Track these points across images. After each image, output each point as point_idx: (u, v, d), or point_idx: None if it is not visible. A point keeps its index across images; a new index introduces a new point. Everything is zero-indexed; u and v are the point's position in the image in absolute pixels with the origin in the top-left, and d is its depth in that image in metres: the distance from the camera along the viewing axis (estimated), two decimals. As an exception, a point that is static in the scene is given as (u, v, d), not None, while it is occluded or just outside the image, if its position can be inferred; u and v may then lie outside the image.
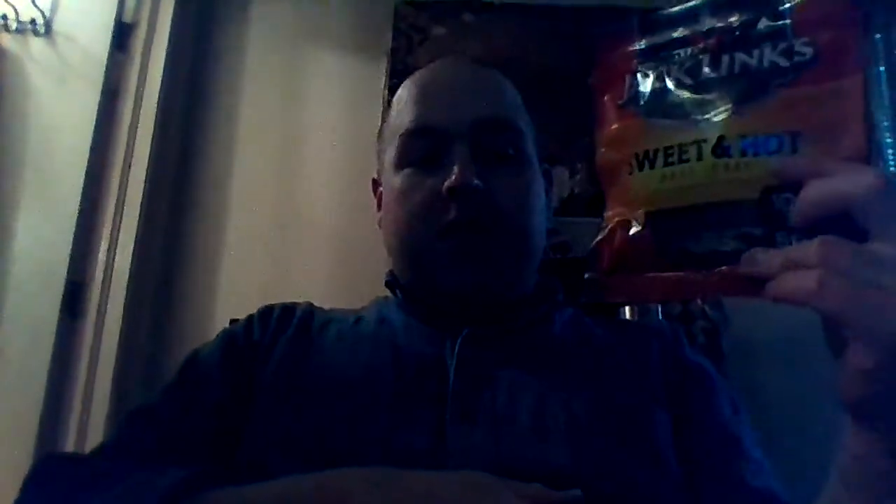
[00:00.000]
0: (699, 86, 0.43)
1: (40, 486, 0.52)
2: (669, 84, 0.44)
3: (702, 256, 0.40)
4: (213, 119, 1.43)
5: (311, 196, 1.35)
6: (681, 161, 0.42)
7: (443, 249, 0.60)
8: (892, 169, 0.38)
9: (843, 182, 0.35)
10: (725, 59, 0.42)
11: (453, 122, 0.62)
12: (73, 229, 1.24)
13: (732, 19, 0.43)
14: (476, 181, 0.58)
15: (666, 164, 0.42)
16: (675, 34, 0.45)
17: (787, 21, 0.41)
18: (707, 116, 0.42)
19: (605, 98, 0.48)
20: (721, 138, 0.41)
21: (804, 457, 1.06)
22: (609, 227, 0.46)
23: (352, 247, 1.27)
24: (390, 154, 0.66)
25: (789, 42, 0.40)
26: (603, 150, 0.48)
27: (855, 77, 0.39)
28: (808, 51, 0.40)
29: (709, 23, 0.44)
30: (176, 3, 1.42)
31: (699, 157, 0.41)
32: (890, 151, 0.39)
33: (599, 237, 0.47)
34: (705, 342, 1.04)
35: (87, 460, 0.56)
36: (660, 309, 1.04)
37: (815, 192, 0.35)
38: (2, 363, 1.17)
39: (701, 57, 0.43)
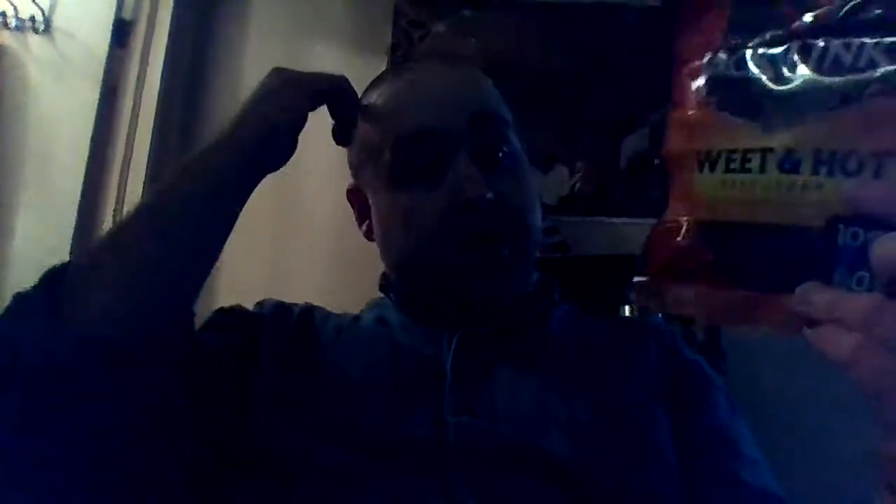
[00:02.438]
0: (779, 79, 0.36)
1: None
2: (750, 71, 0.37)
3: (754, 280, 0.35)
4: (213, 115, 1.43)
5: (310, 195, 1.35)
6: (743, 170, 0.36)
7: (463, 262, 0.59)
8: None
9: None
10: (818, 47, 0.35)
11: (449, 122, 0.60)
12: (73, 227, 1.25)
13: None
14: (489, 194, 0.57)
15: (727, 169, 0.37)
16: (770, 7, 0.38)
17: None
18: (780, 121, 0.35)
19: (684, 72, 0.41)
20: (790, 151, 0.34)
21: (804, 456, 1.07)
22: (667, 226, 0.40)
23: (352, 248, 1.26)
24: (379, 167, 0.63)
25: None
26: (671, 135, 0.42)
27: None
28: None
29: None
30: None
31: (762, 169, 0.35)
32: None
33: (654, 234, 0.42)
34: (705, 341, 1.04)
35: None
36: (660, 308, 1.04)
37: (888, 248, 0.30)
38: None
39: (789, 44, 0.36)
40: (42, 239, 1.24)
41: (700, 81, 0.40)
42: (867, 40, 0.34)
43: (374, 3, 1.45)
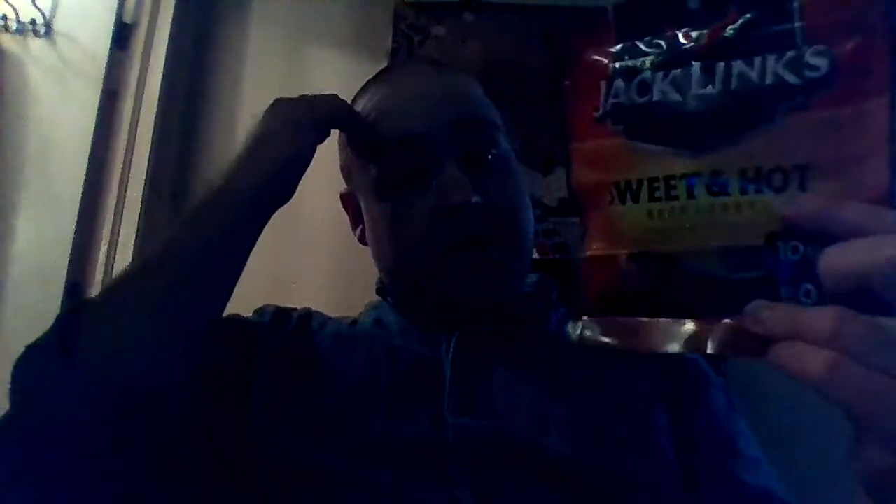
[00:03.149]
0: (688, 102, 0.35)
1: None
2: (654, 97, 0.36)
3: (698, 307, 0.34)
4: (214, 118, 1.43)
5: (310, 197, 1.35)
6: (669, 197, 0.35)
7: (453, 266, 0.59)
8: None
9: (859, 252, 0.29)
10: (720, 68, 0.34)
11: (434, 127, 0.60)
12: (74, 229, 1.24)
13: (728, 17, 0.35)
14: (475, 197, 0.57)
15: (652, 198, 0.36)
16: (661, 30, 0.37)
17: (797, 24, 0.33)
18: (698, 144, 0.34)
19: (579, 106, 0.40)
20: (716, 173, 0.34)
21: (804, 457, 1.06)
22: (595, 258, 0.39)
23: (352, 249, 1.26)
24: (368, 174, 0.63)
25: (799, 51, 0.33)
26: (578, 168, 0.40)
27: (880, 100, 0.32)
28: (823, 64, 0.32)
29: (699, 19, 0.36)
30: (176, 2, 1.41)
31: (690, 195, 0.34)
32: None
33: (584, 267, 0.40)
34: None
35: None
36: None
37: (829, 264, 0.30)
38: (1, 364, 1.17)
39: (691, 65, 0.35)
40: (42, 241, 1.24)
41: (601, 113, 0.38)
42: (768, 56, 0.33)
43: (375, 6, 1.45)
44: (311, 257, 1.32)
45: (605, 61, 0.39)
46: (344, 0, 1.47)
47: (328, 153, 1.35)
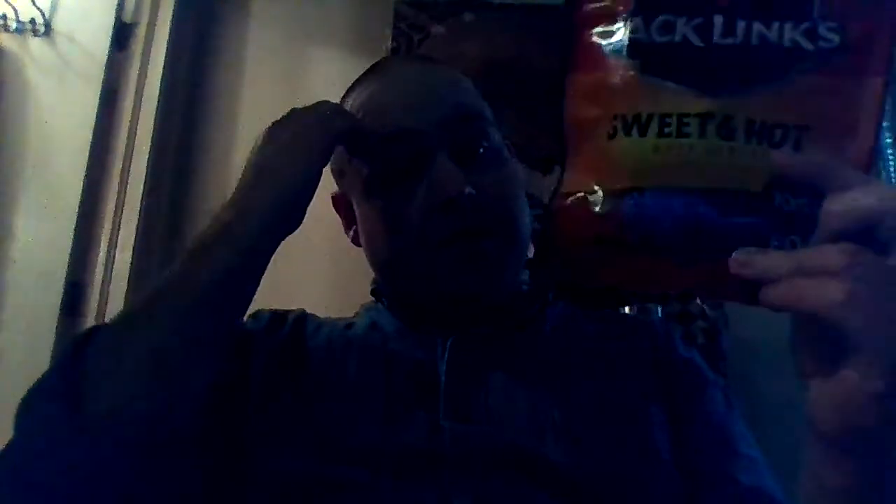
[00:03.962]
0: (710, 50, 0.36)
1: None
2: (677, 38, 0.37)
3: (688, 247, 0.36)
4: (213, 117, 1.43)
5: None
6: (679, 135, 0.36)
7: (446, 260, 0.58)
8: (891, 169, 0.36)
9: (871, 197, 0.32)
10: (741, 25, 0.36)
11: (425, 122, 0.59)
12: (73, 229, 1.25)
13: None
14: (468, 189, 0.56)
15: (661, 134, 0.36)
16: None
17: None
18: (715, 88, 0.36)
19: (591, 35, 0.40)
20: (728, 118, 0.35)
21: (803, 457, 1.06)
22: (575, 196, 0.39)
23: (351, 249, 1.26)
24: (360, 171, 0.63)
25: (813, 22, 0.35)
26: (576, 100, 0.40)
27: (877, 78, 0.35)
28: (835, 38, 0.35)
29: None
30: (176, 2, 1.42)
31: (701, 134, 0.35)
32: (889, 152, 0.37)
33: (557, 204, 0.40)
34: (705, 342, 1.04)
35: None
36: (660, 309, 1.04)
37: (840, 205, 0.32)
38: (1, 364, 1.17)
39: (714, 17, 0.37)
40: (42, 240, 1.24)
41: (615, 45, 0.38)
42: (786, 23, 0.36)
43: (374, 6, 1.45)
44: (310, 259, 1.32)
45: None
46: (343, 0, 1.47)
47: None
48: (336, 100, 0.69)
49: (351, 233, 0.70)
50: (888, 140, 1.37)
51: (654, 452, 0.56)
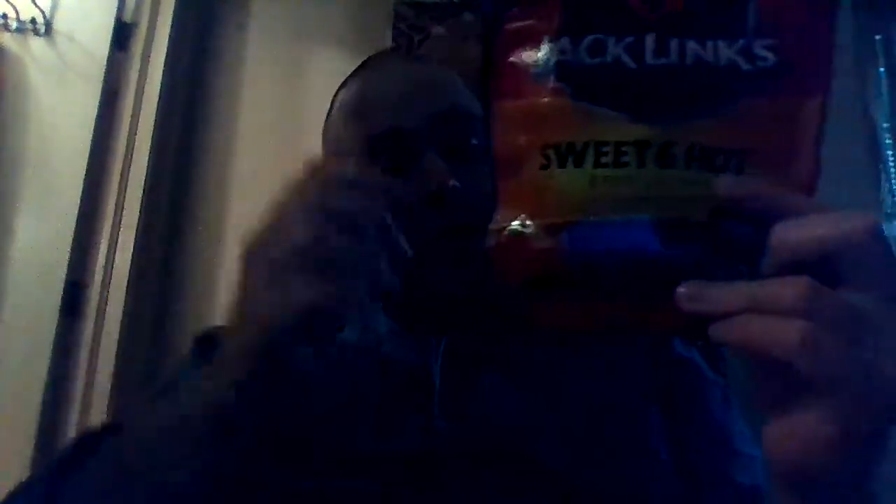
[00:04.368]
0: (643, 72, 0.34)
1: None
2: (610, 57, 0.34)
3: (631, 282, 0.33)
4: (213, 118, 1.43)
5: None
6: (617, 164, 0.33)
7: (438, 258, 0.58)
8: (891, 170, 0.35)
9: (825, 225, 0.30)
10: (674, 44, 0.34)
11: (411, 121, 0.59)
12: (73, 229, 1.24)
13: None
14: (453, 182, 0.56)
15: (598, 164, 0.34)
16: None
17: (749, 14, 0.34)
18: (651, 113, 0.33)
19: (514, 60, 0.37)
20: (667, 145, 0.33)
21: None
22: (509, 231, 0.36)
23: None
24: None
25: (748, 40, 0.33)
26: (504, 129, 0.37)
27: (817, 98, 0.34)
28: (770, 56, 0.33)
29: None
30: (176, 2, 1.41)
31: (640, 164, 0.33)
32: (890, 153, 0.36)
33: (490, 241, 0.38)
34: (704, 343, 1.03)
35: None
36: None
37: (792, 234, 0.30)
38: (1, 363, 1.17)
39: (646, 35, 0.34)
40: (42, 240, 1.24)
41: (542, 68, 0.35)
42: (720, 41, 0.34)
43: (374, 6, 1.45)
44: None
45: (550, 14, 0.36)
46: (344, 0, 1.47)
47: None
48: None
49: None
50: (888, 141, 1.37)
51: (653, 453, 0.56)
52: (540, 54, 0.36)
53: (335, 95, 0.69)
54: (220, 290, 1.32)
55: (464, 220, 0.57)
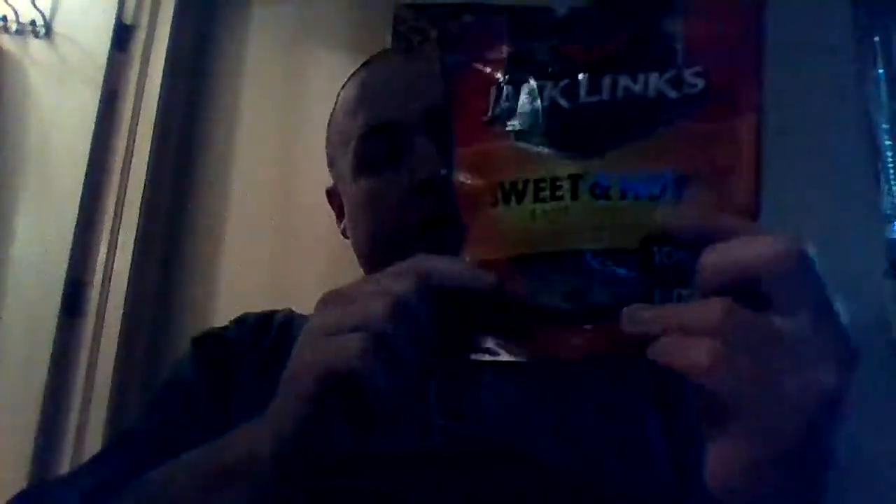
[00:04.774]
0: (577, 110, 0.37)
1: None
2: (543, 104, 0.38)
3: (575, 311, 0.35)
4: (213, 119, 1.43)
5: (310, 197, 1.35)
6: (554, 198, 0.36)
7: (418, 246, 0.59)
8: (891, 170, 0.35)
9: (749, 249, 0.30)
10: (607, 81, 0.36)
11: (407, 114, 0.61)
12: (73, 229, 1.25)
13: (615, 35, 0.37)
14: (444, 170, 0.57)
15: (537, 199, 0.36)
16: (551, 43, 0.39)
17: (677, 45, 0.36)
18: (585, 148, 0.36)
19: (468, 110, 0.41)
20: (600, 176, 0.35)
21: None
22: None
23: (349, 249, 1.27)
24: (347, 160, 0.64)
25: (678, 70, 0.35)
26: (463, 173, 0.41)
27: (749, 115, 0.34)
28: (700, 82, 0.35)
29: (588, 35, 0.38)
30: (176, 4, 1.42)
31: (574, 196, 0.35)
32: (889, 154, 0.36)
33: None
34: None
35: (55, 484, 0.56)
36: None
37: (716, 258, 0.30)
38: (1, 364, 1.17)
39: (580, 76, 0.37)
40: (42, 241, 1.24)
41: (490, 115, 0.39)
42: (651, 73, 0.36)
43: (374, 8, 1.45)
44: (309, 262, 1.32)
45: (497, 67, 0.40)
46: (344, 1, 1.47)
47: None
48: (334, 101, 0.70)
49: (342, 225, 0.71)
50: (888, 142, 1.37)
51: (650, 454, 0.56)
52: (488, 103, 0.40)
53: (339, 93, 0.69)
54: (220, 290, 1.32)
55: (452, 209, 0.58)
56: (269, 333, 0.65)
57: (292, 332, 0.66)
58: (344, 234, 0.71)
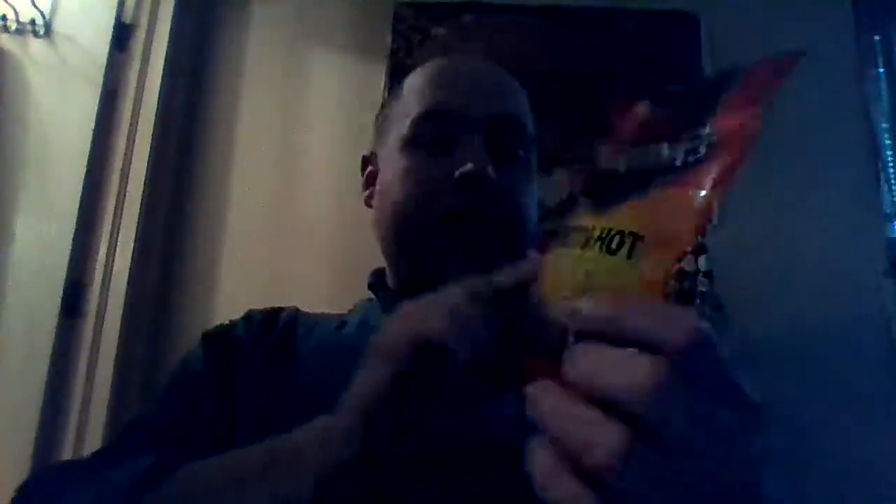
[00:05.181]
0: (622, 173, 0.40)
1: (26, 496, 0.52)
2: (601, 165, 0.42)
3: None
4: (213, 119, 1.43)
5: (310, 196, 1.35)
6: (564, 245, 0.39)
7: (442, 233, 0.60)
8: (891, 170, 0.34)
9: (620, 374, 0.29)
10: (654, 147, 0.39)
11: (470, 110, 0.63)
12: (73, 230, 1.24)
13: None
14: (491, 169, 0.59)
15: (562, 245, 0.40)
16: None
17: (705, 129, 0.37)
18: (600, 202, 0.39)
19: None
20: (602, 230, 0.37)
21: (804, 457, 1.07)
22: None
23: (351, 247, 1.27)
24: (398, 133, 0.65)
25: (699, 140, 0.37)
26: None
27: (708, 191, 0.34)
28: (703, 151, 0.36)
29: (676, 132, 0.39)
30: (176, 3, 1.42)
31: (585, 245, 0.38)
32: (889, 153, 0.36)
33: None
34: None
35: (74, 466, 0.57)
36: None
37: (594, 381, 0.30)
38: (1, 364, 1.17)
39: (638, 148, 0.40)
40: (42, 241, 1.24)
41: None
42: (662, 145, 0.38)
43: (374, 7, 1.45)
44: (309, 262, 1.32)
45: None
46: (343, 1, 1.47)
47: (332, 157, 1.35)
48: (334, 99, 0.71)
49: (366, 193, 0.72)
50: (888, 141, 1.37)
51: None
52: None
53: (406, 78, 0.71)
54: (220, 290, 1.32)
55: (485, 207, 0.59)
56: (272, 333, 0.65)
57: (297, 329, 0.66)
58: (367, 202, 0.71)
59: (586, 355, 0.30)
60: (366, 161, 0.74)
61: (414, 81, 0.68)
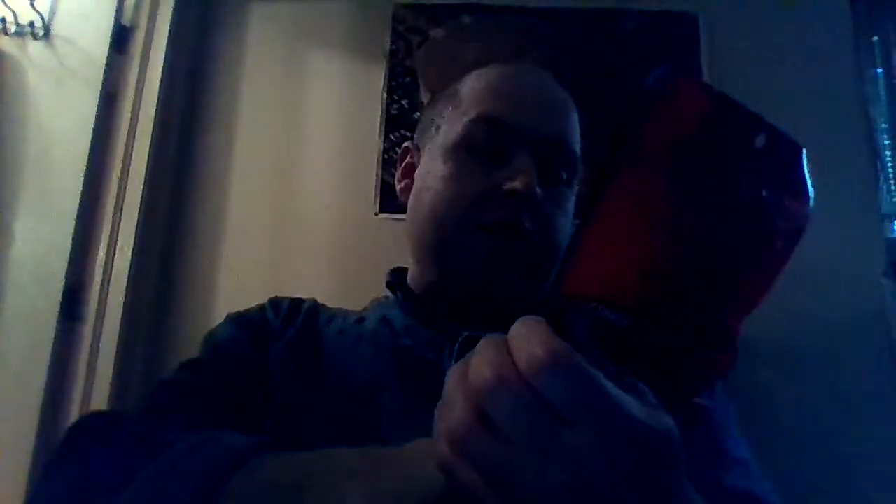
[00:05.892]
0: None
1: (82, 444, 0.49)
2: None
3: None
4: (213, 120, 1.43)
5: (310, 197, 1.35)
6: None
7: (478, 244, 0.60)
8: (890, 170, 0.33)
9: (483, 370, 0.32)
10: None
11: (527, 126, 0.63)
12: (72, 232, 1.24)
13: None
14: (539, 190, 0.59)
15: None
16: None
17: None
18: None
19: None
20: None
21: (804, 457, 1.07)
22: None
23: (351, 247, 1.27)
24: (450, 134, 0.65)
25: None
26: None
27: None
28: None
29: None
30: (175, 5, 1.42)
31: None
32: (888, 153, 0.34)
33: None
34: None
35: (131, 421, 0.53)
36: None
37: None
38: (1, 366, 1.17)
39: None
40: (41, 242, 1.24)
41: None
42: None
43: (374, 8, 1.45)
44: (309, 262, 1.32)
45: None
46: (342, 2, 1.47)
47: (331, 157, 1.35)
48: (334, 100, 0.71)
49: (402, 183, 0.72)
50: (886, 141, 1.37)
51: None
52: None
53: (468, 77, 0.70)
54: (220, 290, 1.32)
55: (526, 225, 0.59)
56: (298, 317, 0.66)
57: (319, 318, 0.67)
58: (401, 192, 0.71)
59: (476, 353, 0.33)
60: (406, 151, 0.74)
61: (475, 83, 0.68)
